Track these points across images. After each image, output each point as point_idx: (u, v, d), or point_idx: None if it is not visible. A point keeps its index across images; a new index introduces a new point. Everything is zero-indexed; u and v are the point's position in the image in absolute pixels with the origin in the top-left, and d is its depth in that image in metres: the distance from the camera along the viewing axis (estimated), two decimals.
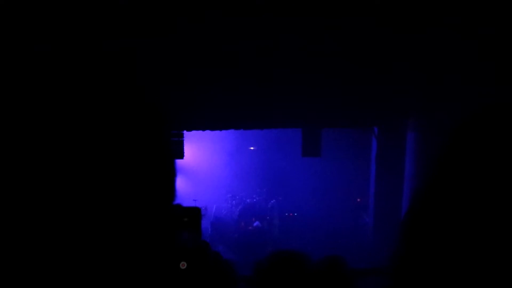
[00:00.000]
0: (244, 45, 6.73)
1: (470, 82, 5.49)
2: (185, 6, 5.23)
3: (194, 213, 1.78)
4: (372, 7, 5.45)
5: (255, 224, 13.10)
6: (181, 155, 9.70)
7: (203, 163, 15.03)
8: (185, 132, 9.80)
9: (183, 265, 1.60)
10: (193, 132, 10.23)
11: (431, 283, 0.87)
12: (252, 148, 16.06)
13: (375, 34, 6.24)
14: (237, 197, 14.45)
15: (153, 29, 5.45)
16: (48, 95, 0.71)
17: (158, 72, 6.55)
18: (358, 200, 13.75)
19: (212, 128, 9.84)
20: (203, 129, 9.86)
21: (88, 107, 0.73)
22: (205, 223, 12.82)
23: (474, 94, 5.29)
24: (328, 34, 6.62)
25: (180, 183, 14.59)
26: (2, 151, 0.67)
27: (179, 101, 7.87)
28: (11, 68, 0.73)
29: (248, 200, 14.17)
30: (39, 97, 0.71)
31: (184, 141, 9.83)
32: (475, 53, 5.46)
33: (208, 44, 6.56)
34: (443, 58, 6.21)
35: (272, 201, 14.06)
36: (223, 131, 10.94)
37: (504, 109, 0.85)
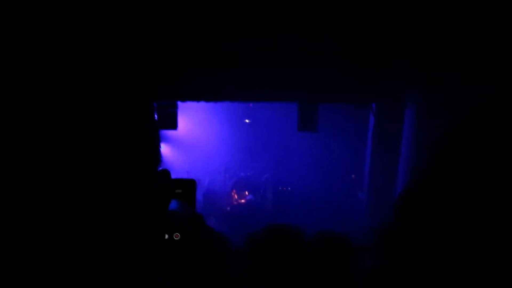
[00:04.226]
0: (244, 44, 6.71)
1: (470, 82, 5.47)
2: (185, 6, 5.22)
3: (189, 185, 1.79)
4: (372, 7, 5.44)
5: (248, 197, 13.22)
6: (174, 126, 9.43)
7: (197, 135, 14.93)
8: (179, 102, 9.60)
9: (176, 236, 1.59)
10: (187, 102, 9.99)
11: (421, 262, 0.90)
12: (247, 120, 16.02)
13: (375, 34, 6.23)
14: (231, 170, 14.49)
15: (153, 29, 5.45)
16: (48, 95, 0.72)
17: (158, 71, 6.54)
18: (353, 176, 13.70)
19: (207, 99, 9.69)
20: (198, 100, 9.69)
21: (87, 106, 0.74)
22: (198, 195, 12.51)
23: (474, 94, 5.27)
24: (328, 34, 6.61)
25: (173, 154, 14.73)
26: (1, 151, 0.68)
27: (173, 71, 7.65)
28: (11, 68, 0.73)
29: (241, 174, 14.25)
30: (39, 97, 0.71)
31: (178, 112, 9.60)
32: (475, 53, 5.45)
33: (208, 44, 6.55)
34: (443, 58, 6.19)
35: (266, 175, 14.26)
36: (218, 103, 10.90)
37: (503, 106, 0.87)
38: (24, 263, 0.69)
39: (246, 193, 13.38)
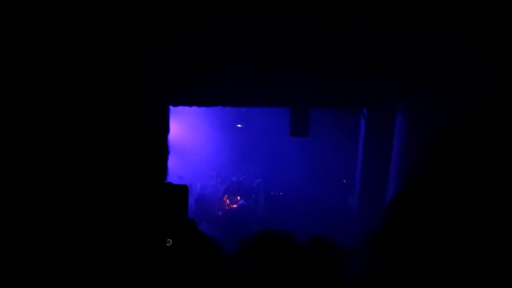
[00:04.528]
0: (244, 45, 6.70)
1: (470, 82, 5.48)
2: (185, 6, 5.19)
3: (181, 191, 1.77)
4: (372, 7, 5.44)
5: (240, 202, 13.37)
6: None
7: (188, 139, 14.96)
8: (170, 107, 9.51)
9: (168, 242, 1.58)
10: (179, 107, 9.97)
11: (412, 266, 0.90)
12: (239, 125, 16.12)
13: (375, 34, 6.23)
14: (223, 175, 14.63)
15: (153, 29, 5.41)
16: (48, 95, 0.71)
17: (157, 72, 6.50)
18: (344, 181, 13.83)
19: (199, 104, 9.65)
20: (190, 105, 9.65)
21: (87, 105, 0.73)
22: (190, 200, 12.55)
23: (473, 94, 5.24)
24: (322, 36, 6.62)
25: None
26: (2, 149, 0.66)
27: (164, 75, 7.60)
28: (11, 68, 0.72)
29: (233, 178, 14.37)
30: (39, 97, 0.71)
31: (170, 116, 9.39)
32: (475, 53, 5.46)
33: (201, 48, 6.57)
34: (443, 58, 6.21)
35: (258, 180, 14.37)
36: (210, 107, 10.86)
37: (495, 106, 0.90)
38: (26, 263, 0.68)
39: (238, 198, 13.49)
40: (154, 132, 0.85)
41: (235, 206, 13.18)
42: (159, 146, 0.85)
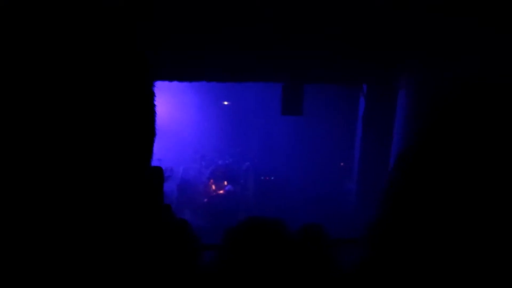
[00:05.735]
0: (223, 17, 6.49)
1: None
2: None
3: (155, 173, 1.59)
4: None
5: (227, 188, 12.94)
6: None
7: (169, 119, 14.33)
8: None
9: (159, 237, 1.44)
10: (158, 82, 9.30)
11: (409, 254, 0.91)
12: (226, 103, 15.84)
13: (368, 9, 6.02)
14: (208, 157, 14.29)
15: None
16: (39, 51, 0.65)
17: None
18: (342, 164, 13.48)
19: (180, 79, 9.05)
20: (170, 80, 8.97)
21: (82, 66, 0.69)
22: (171, 186, 12.63)
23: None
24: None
25: None
26: None
27: (142, 46, 7.03)
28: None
29: (220, 162, 13.93)
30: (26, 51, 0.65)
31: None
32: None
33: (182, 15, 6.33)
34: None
35: (246, 163, 13.92)
36: (193, 83, 10.42)
37: (491, 86, 0.86)
38: (18, 264, 0.67)
39: (225, 183, 12.95)
40: (137, 115, 0.83)
41: (221, 192, 12.74)
42: (142, 129, 0.87)
